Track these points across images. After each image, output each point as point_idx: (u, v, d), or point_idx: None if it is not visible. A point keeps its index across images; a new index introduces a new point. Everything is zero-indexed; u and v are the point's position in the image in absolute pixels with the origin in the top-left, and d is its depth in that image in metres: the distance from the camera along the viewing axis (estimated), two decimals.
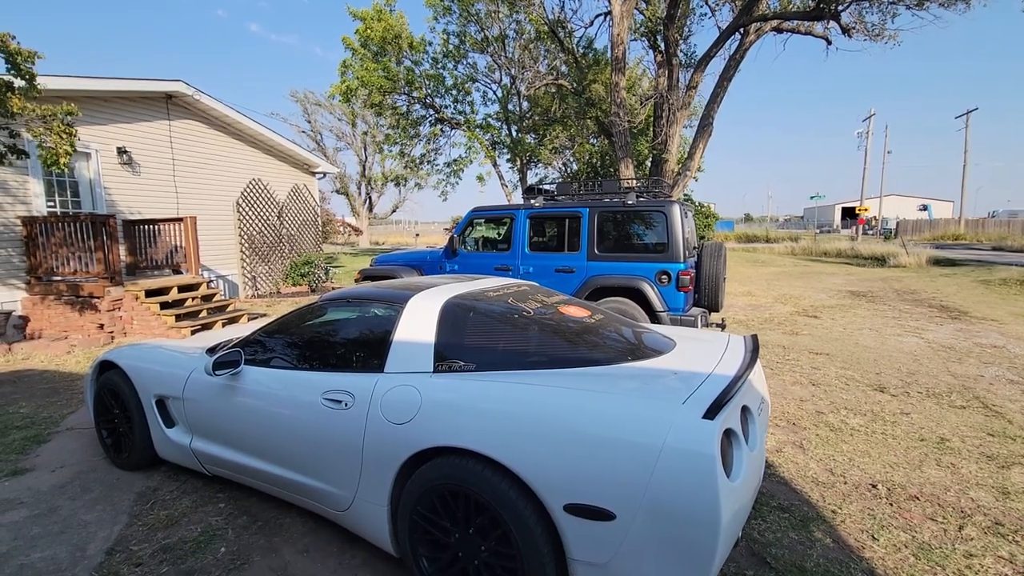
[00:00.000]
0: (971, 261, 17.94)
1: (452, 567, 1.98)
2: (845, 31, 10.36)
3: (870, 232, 39.04)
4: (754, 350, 2.37)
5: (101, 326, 7.18)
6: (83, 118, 8.09)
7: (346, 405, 2.24)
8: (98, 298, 7.15)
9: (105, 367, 3.39)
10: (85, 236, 7.11)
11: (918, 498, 2.96)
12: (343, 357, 2.59)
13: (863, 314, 8.92)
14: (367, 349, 2.50)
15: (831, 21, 10.51)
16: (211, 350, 3.08)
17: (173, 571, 2.35)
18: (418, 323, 2.35)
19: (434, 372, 2.19)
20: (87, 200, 8.52)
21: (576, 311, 2.71)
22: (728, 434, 1.76)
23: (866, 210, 36.33)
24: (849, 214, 48.62)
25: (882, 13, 11.33)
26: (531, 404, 1.89)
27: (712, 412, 1.65)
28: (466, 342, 2.32)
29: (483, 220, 6.81)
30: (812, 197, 49.45)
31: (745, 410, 1.98)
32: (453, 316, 2.38)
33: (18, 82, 5.41)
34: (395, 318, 2.41)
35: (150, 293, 7.54)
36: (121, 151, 8.82)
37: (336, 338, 2.75)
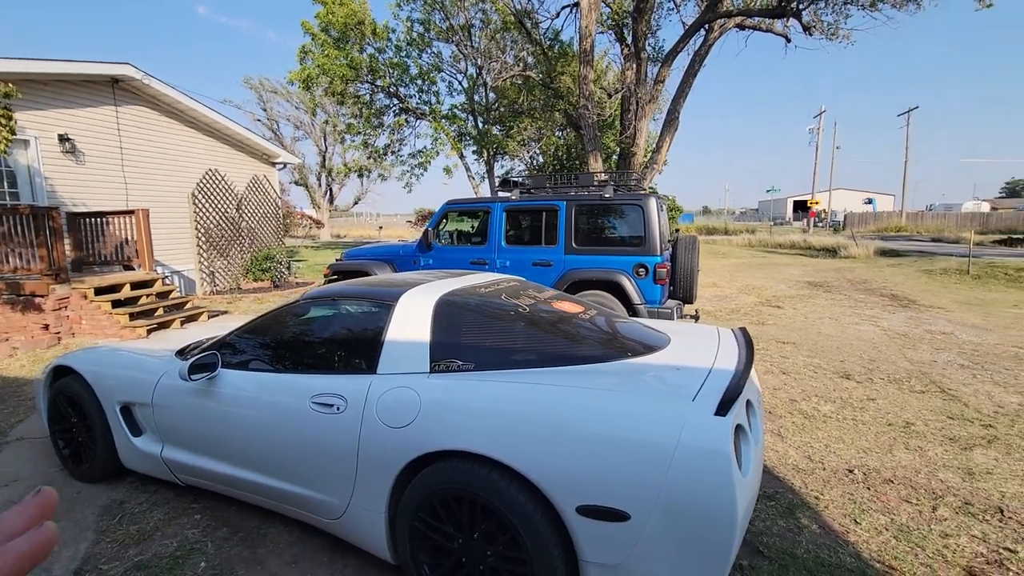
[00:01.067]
0: (914, 252, 19.03)
1: (456, 573, 1.92)
2: (806, 29, 10.69)
3: (820, 224, 40.82)
4: (748, 343, 2.39)
5: (46, 327, 6.68)
6: (20, 102, 7.46)
7: (338, 409, 2.14)
8: (42, 297, 6.65)
9: (60, 372, 3.14)
10: (26, 230, 6.58)
11: (892, 481, 3.09)
12: (331, 359, 2.47)
13: (822, 303, 9.31)
14: (357, 350, 2.39)
15: (791, 19, 10.82)
16: (181, 352, 2.90)
17: None
18: (411, 321, 2.26)
19: (431, 372, 2.11)
20: (26, 191, 7.88)
21: (570, 307, 2.67)
22: (737, 429, 1.76)
23: (817, 203, 38.02)
24: (801, 207, 50.67)
25: (836, 13, 11.76)
26: (538, 404, 1.84)
27: (723, 408, 1.65)
28: (463, 341, 2.25)
29: (458, 213, 6.69)
30: (768, 191, 51.20)
31: (748, 404, 2.00)
32: (448, 314, 2.30)
33: None
34: (386, 316, 2.31)
35: (100, 291, 7.07)
36: (63, 138, 8.20)
37: (322, 338, 2.63)
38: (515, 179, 6.51)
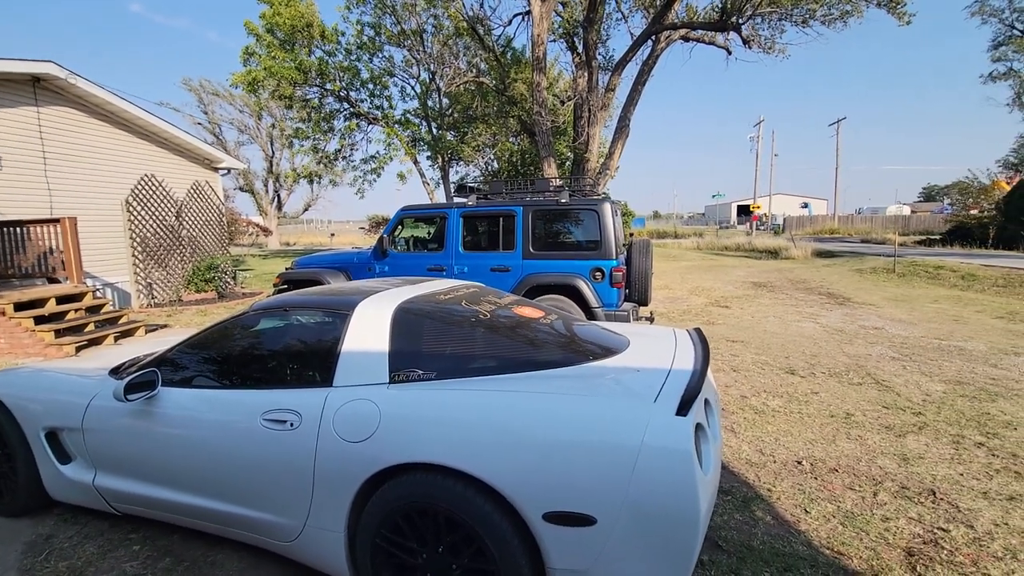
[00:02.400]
0: (846, 252, 20.32)
1: None
2: (746, 43, 11.26)
3: (762, 228, 42.97)
4: (703, 343, 2.46)
5: None
6: None
7: (292, 425, 2.04)
8: None
9: None
10: None
11: (837, 470, 3.25)
12: (283, 372, 2.36)
13: (766, 303, 9.76)
14: (311, 362, 2.30)
15: (731, 32, 11.36)
16: (115, 371, 2.69)
17: None
18: (368, 331, 2.19)
19: (390, 383, 2.05)
20: None
21: (530, 312, 2.67)
22: (697, 428, 1.80)
23: (759, 207, 39.97)
24: (744, 211, 53.15)
25: (771, 28, 12.46)
26: (502, 411, 1.82)
27: (684, 408, 1.68)
28: (423, 349, 2.19)
29: (414, 219, 6.60)
30: (714, 196, 53.48)
31: (706, 403, 2.05)
32: (407, 322, 2.25)
33: None
34: (342, 326, 2.23)
35: (20, 307, 6.51)
36: None
37: (274, 351, 2.50)
38: (471, 185, 6.49)
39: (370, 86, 20.23)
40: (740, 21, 10.56)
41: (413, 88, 21.30)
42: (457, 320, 2.37)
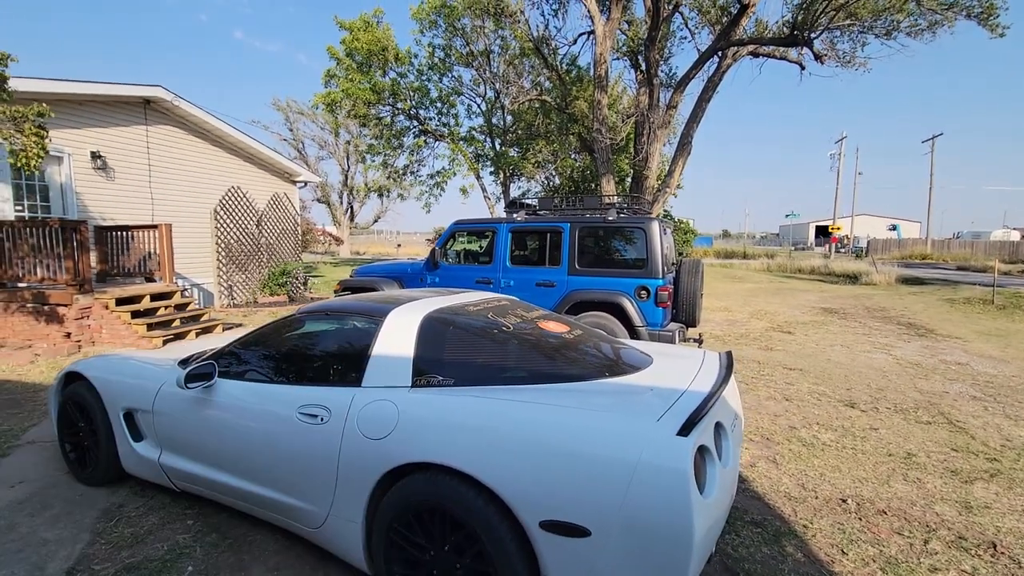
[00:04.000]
0: (937, 280, 18.59)
1: None
2: (817, 58, 10.76)
3: (842, 250, 40.20)
4: (728, 366, 2.42)
5: (68, 335, 6.95)
6: (56, 121, 7.90)
7: (322, 420, 2.22)
8: (65, 306, 6.93)
9: (71, 379, 3.29)
10: (54, 242, 6.91)
11: (886, 512, 3.03)
12: (320, 371, 2.56)
13: (835, 330, 9.15)
14: (345, 363, 2.48)
15: (804, 48, 10.90)
16: (184, 362, 3.02)
17: None
18: (397, 337, 2.35)
19: (412, 387, 2.18)
20: (58, 205, 8.29)
21: (555, 326, 2.73)
22: (702, 450, 1.79)
23: (839, 229, 37.48)
24: (823, 232, 50.01)
25: (852, 42, 11.82)
26: (508, 419, 1.90)
27: (686, 429, 1.68)
28: (445, 357, 2.32)
29: (465, 233, 6.83)
30: (788, 215, 50.76)
31: (719, 426, 2.02)
32: (432, 330, 2.38)
33: None
34: (374, 331, 2.40)
35: (121, 301, 7.34)
36: (95, 155, 8.63)
37: (314, 351, 2.73)
38: (522, 200, 6.64)
39: (438, 104, 21.11)
40: (813, 36, 10.11)
41: (479, 106, 21.99)
42: (480, 331, 2.47)
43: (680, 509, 1.57)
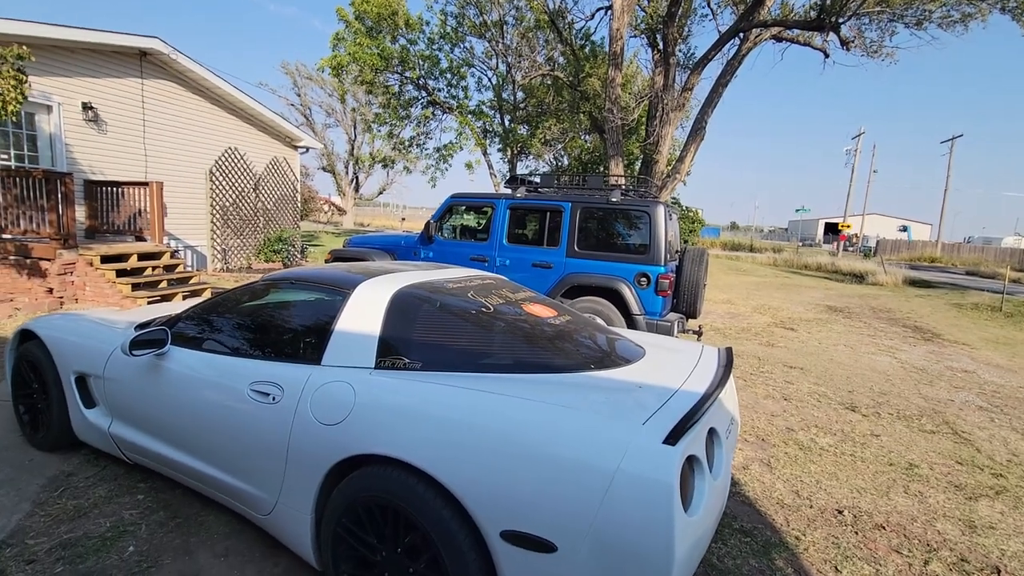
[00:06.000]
0: (945, 284, 18.26)
1: None
2: (844, 44, 10.26)
3: (851, 249, 39.62)
4: (727, 365, 2.19)
5: (50, 291, 6.76)
6: (45, 68, 7.60)
7: (274, 399, 2.01)
8: (48, 261, 6.73)
9: (26, 336, 3.09)
10: (38, 194, 6.67)
11: (884, 527, 2.84)
12: (279, 344, 2.34)
13: (839, 330, 8.91)
14: (305, 338, 2.26)
15: (831, 33, 10.41)
16: (142, 326, 2.81)
17: (69, 571, 2.10)
18: (364, 312, 2.12)
19: (375, 368, 1.97)
20: (46, 156, 8.02)
21: (542, 311, 2.50)
22: (691, 460, 1.57)
23: (848, 227, 36.86)
24: (832, 230, 49.32)
25: (881, 30, 11.28)
26: (472, 412, 1.68)
27: (674, 436, 1.46)
28: (414, 337, 2.09)
29: (463, 207, 6.56)
30: (798, 210, 49.99)
31: (712, 433, 1.80)
32: (403, 307, 2.15)
33: None
34: (340, 305, 2.18)
35: (106, 259, 7.13)
36: (87, 107, 8.32)
37: (274, 323, 2.50)
38: (522, 176, 6.34)
39: (448, 75, 20.54)
40: (840, 20, 9.62)
41: (490, 79, 21.39)
42: (457, 311, 2.24)
43: (661, 528, 1.36)
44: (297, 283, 2.48)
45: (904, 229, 58.12)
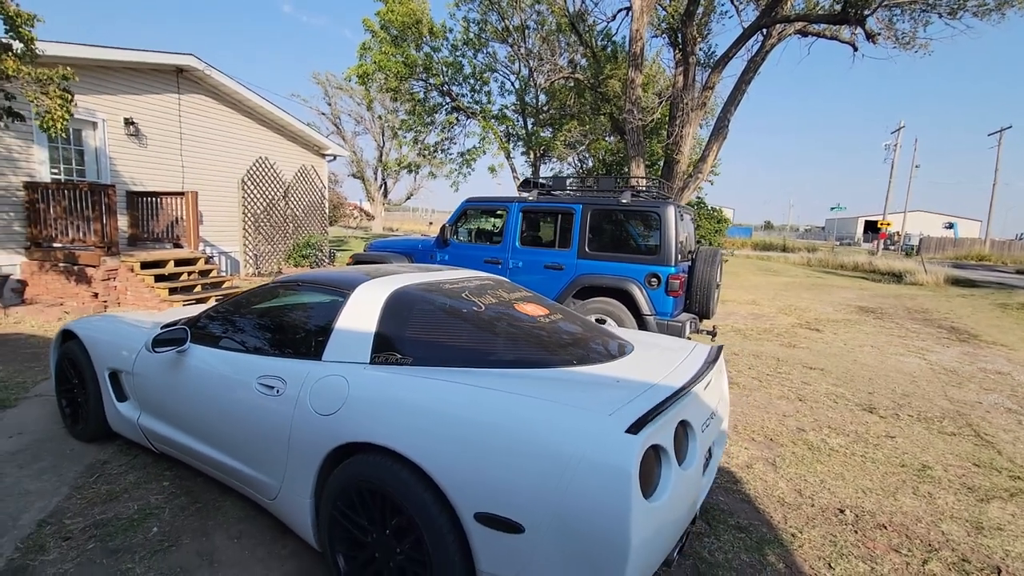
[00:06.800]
0: (992, 283, 17.40)
1: (368, 567, 1.90)
2: (869, 37, 9.98)
3: (892, 247, 38.12)
4: (712, 361, 2.24)
5: (96, 295, 7.23)
6: (91, 87, 8.14)
7: (278, 391, 2.17)
8: (93, 267, 7.20)
9: (67, 336, 3.37)
10: (84, 205, 7.15)
11: (886, 527, 2.81)
12: (286, 342, 2.52)
13: (867, 331, 8.66)
14: (310, 335, 2.43)
15: (857, 26, 10.13)
16: (167, 326, 3.03)
17: (100, 548, 2.31)
18: (362, 311, 2.27)
19: (370, 363, 2.11)
20: (92, 169, 8.58)
21: (532, 309, 2.60)
22: (656, 449, 1.64)
23: (889, 224, 35.46)
24: (871, 228, 47.54)
25: (913, 20, 10.91)
26: (452, 404, 1.79)
27: (636, 426, 1.54)
28: (407, 334, 2.22)
29: (477, 211, 6.70)
30: (833, 208, 48.41)
31: (685, 425, 1.86)
32: (398, 306, 2.29)
33: (17, 45, 5.41)
34: (341, 304, 2.33)
35: (146, 265, 7.57)
36: (128, 122, 8.86)
37: (282, 322, 2.68)
38: (535, 179, 6.44)
39: (471, 81, 20.83)
40: (866, 13, 9.35)
41: (512, 83, 21.58)
42: (449, 310, 2.37)
43: (617, 512, 1.44)
44: (304, 285, 2.66)
45: (950, 226, 55.47)
